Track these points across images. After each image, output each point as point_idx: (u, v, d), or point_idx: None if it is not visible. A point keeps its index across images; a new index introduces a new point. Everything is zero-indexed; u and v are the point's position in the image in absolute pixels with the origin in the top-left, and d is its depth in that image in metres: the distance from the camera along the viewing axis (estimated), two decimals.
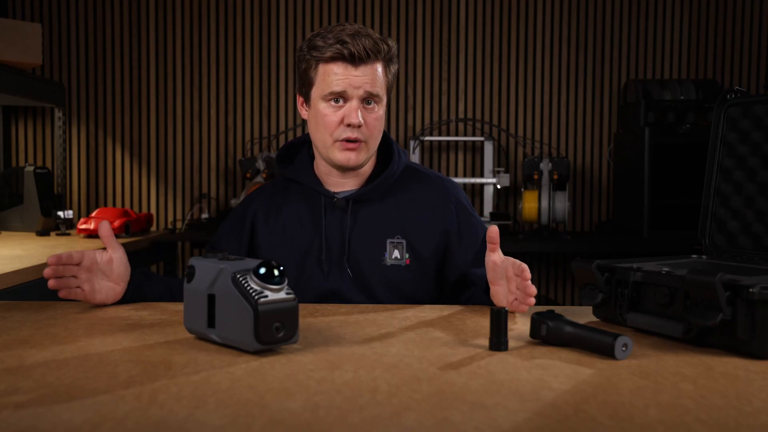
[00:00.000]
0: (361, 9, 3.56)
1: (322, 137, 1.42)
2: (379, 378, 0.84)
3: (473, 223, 1.49)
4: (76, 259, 1.27)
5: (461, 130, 3.61)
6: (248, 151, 3.55)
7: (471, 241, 1.47)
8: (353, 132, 1.39)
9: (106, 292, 1.29)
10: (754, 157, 1.27)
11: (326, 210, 1.47)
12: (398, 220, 1.46)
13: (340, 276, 1.44)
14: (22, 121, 3.53)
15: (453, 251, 1.47)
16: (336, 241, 1.45)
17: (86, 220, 2.68)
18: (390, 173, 1.47)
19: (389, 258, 1.44)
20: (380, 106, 1.42)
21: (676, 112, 3.20)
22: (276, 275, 0.94)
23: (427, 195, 1.49)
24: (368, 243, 1.45)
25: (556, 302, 3.57)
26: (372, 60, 1.38)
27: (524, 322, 1.12)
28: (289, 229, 1.48)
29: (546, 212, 3.20)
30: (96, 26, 3.53)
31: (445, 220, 1.47)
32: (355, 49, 1.35)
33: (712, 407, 0.74)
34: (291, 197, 1.51)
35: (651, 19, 3.61)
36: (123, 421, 0.69)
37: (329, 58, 1.37)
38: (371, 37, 1.37)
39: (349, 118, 1.37)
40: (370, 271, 1.43)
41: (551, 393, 0.78)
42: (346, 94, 1.38)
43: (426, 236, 1.46)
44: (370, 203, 1.47)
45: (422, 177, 1.52)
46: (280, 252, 1.47)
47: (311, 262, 1.45)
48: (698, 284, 0.96)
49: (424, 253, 1.45)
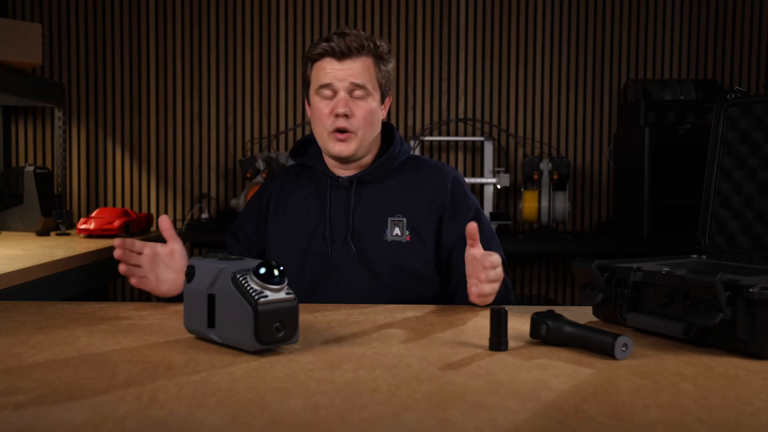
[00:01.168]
0: (361, 9, 3.56)
1: (319, 130, 1.54)
2: (379, 378, 0.84)
3: (467, 203, 1.58)
4: (138, 247, 1.32)
5: (461, 130, 3.61)
6: (248, 151, 3.55)
7: (463, 216, 1.56)
8: (342, 122, 1.50)
9: (170, 283, 1.34)
10: (754, 157, 1.27)
11: (331, 190, 1.58)
12: (399, 200, 1.56)
13: (345, 252, 1.52)
14: (22, 121, 3.53)
15: (444, 224, 1.55)
16: (341, 219, 1.55)
17: (86, 220, 2.68)
18: (392, 154, 1.58)
19: (390, 235, 1.53)
20: (371, 99, 1.52)
21: (676, 112, 3.20)
22: (276, 275, 0.94)
23: (427, 177, 1.60)
24: (370, 220, 1.54)
25: (556, 302, 3.57)
26: (356, 55, 1.50)
27: (524, 322, 1.12)
28: (298, 209, 1.59)
29: (546, 212, 3.20)
30: (96, 26, 3.53)
31: (442, 196, 1.57)
32: (338, 45, 1.49)
33: (712, 407, 0.74)
34: (301, 183, 1.63)
35: (651, 19, 3.60)
36: (123, 421, 0.69)
37: (317, 55, 1.52)
38: (358, 36, 1.51)
39: (337, 108, 1.49)
40: (372, 246, 1.52)
41: (551, 393, 0.78)
42: (333, 86, 1.50)
43: (425, 214, 1.55)
44: (373, 184, 1.58)
45: (424, 162, 1.64)
46: (289, 229, 1.57)
47: (317, 239, 1.54)
48: (698, 284, 0.96)
49: (423, 231, 1.54)
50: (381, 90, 1.55)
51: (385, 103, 1.58)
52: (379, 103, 1.55)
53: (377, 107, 1.54)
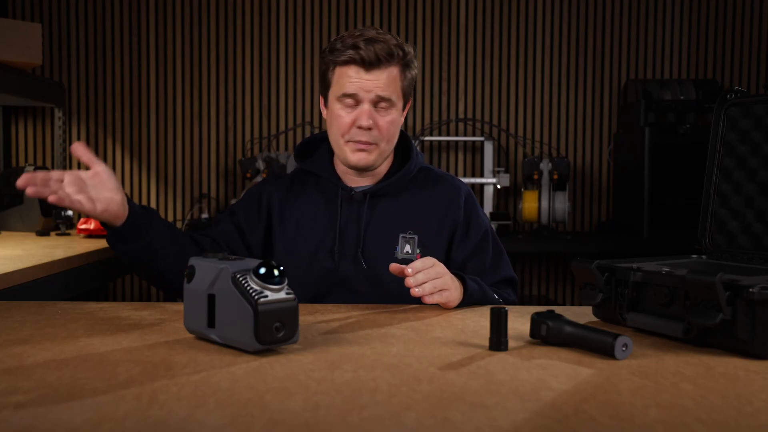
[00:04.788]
0: (361, 9, 3.56)
1: (336, 137, 1.49)
2: (379, 378, 0.84)
3: (479, 222, 1.57)
4: (55, 176, 1.22)
5: (461, 130, 3.61)
6: (248, 151, 3.55)
7: (474, 235, 1.55)
8: (364, 135, 1.45)
9: (106, 201, 1.25)
10: (754, 157, 1.27)
11: (343, 203, 1.53)
12: (411, 217, 1.53)
13: (353, 267, 1.49)
14: (22, 121, 3.53)
15: (455, 243, 1.54)
16: (351, 233, 1.51)
17: (86, 220, 2.68)
18: (408, 171, 1.54)
19: (400, 252, 1.50)
20: (394, 110, 1.48)
21: (676, 112, 3.20)
22: (276, 275, 0.94)
23: (439, 193, 1.57)
24: (382, 236, 1.51)
25: (556, 302, 3.57)
26: (385, 65, 1.43)
27: (524, 322, 1.12)
28: (304, 218, 1.54)
29: (546, 212, 3.20)
30: (96, 26, 3.53)
31: (455, 213, 1.55)
32: (367, 54, 1.41)
33: (712, 407, 0.74)
34: (308, 190, 1.58)
35: (651, 19, 3.60)
36: (123, 421, 0.69)
37: (343, 61, 1.44)
38: (387, 43, 1.43)
39: (360, 120, 1.44)
40: (382, 263, 1.47)
41: (551, 393, 0.78)
42: (358, 97, 1.44)
43: (436, 232, 1.53)
44: (386, 198, 1.54)
45: (435, 176, 1.60)
46: (295, 237, 1.53)
47: (324, 252, 1.50)
48: (698, 284, 0.96)
49: (434, 249, 1.51)
50: (404, 98, 1.51)
51: (405, 109, 1.54)
52: (401, 112, 1.51)
53: (399, 117, 1.50)
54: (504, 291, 1.52)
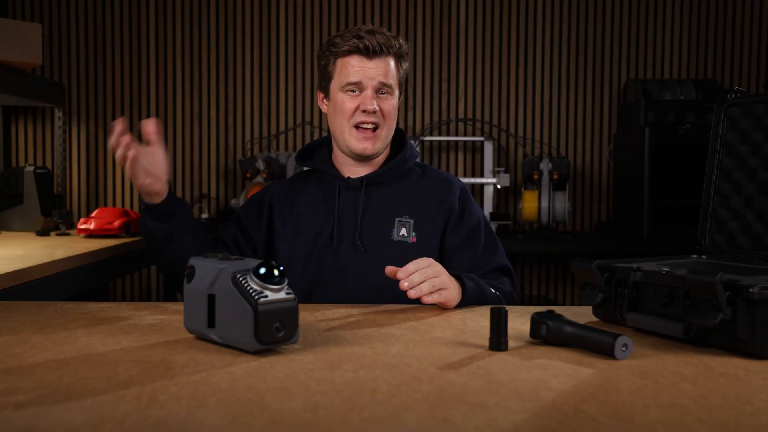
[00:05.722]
0: (361, 9, 3.56)
1: (340, 124, 1.55)
2: (379, 378, 0.84)
3: (473, 211, 1.62)
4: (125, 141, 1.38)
5: (461, 130, 3.61)
6: (248, 151, 3.55)
7: (467, 223, 1.59)
8: (369, 117, 1.52)
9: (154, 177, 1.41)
10: (754, 157, 1.27)
11: (340, 191, 1.60)
12: (407, 202, 1.58)
13: (352, 250, 1.54)
14: (22, 121, 3.53)
15: (449, 229, 1.58)
16: (349, 219, 1.57)
17: (86, 220, 2.68)
18: (403, 158, 1.61)
19: (396, 235, 1.55)
20: (393, 97, 1.56)
21: (676, 112, 3.20)
22: (276, 275, 0.94)
23: (435, 184, 1.63)
24: (378, 220, 1.56)
25: (556, 302, 3.57)
26: (385, 54, 1.52)
27: (524, 322, 1.12)
28: (305, 210, 1.61)
29: (546, 212, 3.20)
30: (96, 26, 3.53)
31: (450, 201, 1.60)
32: (370, 43, 1.50)
33: (712, 407, 0.74)
34: (309, 187, 1.65)
35: (651, 19, 3.60)
36: (123, 421, 0.69)
37: (346, 51, 1.52)
38: (384, 34, 1.53)
39: (365, 104, 1.52)
40: (378, 246, 1.54)
41: (551, 393, 0.78)
42: (362, 84, 1.52)
43: (432, 217, 1.57)
44: (382, 186, 1.60)
45: (431, 171, 1.67)
46: (297, 229, 1.58)
47: (324, 239, 1.56)
48: (698, 284, 0.96)
49: (429, 233, 1.56)
50: (400, 89, 1.59)
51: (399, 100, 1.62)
52: (398, 102, 1.59)
53: (397, 104, 1.58)
54: (499, 281, 1.54)
